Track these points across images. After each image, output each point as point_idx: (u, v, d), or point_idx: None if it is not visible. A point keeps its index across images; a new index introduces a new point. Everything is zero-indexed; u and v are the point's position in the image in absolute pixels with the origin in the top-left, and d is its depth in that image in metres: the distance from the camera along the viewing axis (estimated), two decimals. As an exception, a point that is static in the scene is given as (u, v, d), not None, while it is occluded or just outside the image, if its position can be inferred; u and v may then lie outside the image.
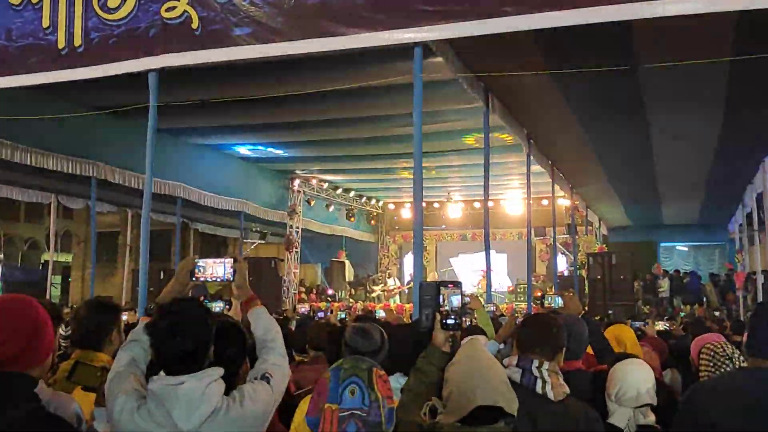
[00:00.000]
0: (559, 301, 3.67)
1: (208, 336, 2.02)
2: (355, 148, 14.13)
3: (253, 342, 2.33)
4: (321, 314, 5.72)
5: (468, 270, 21.40)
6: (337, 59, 7.78)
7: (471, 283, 20.22)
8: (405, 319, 9.30)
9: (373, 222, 22.32)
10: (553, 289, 15.98)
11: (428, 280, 24.19)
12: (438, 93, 9.34)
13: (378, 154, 14.47)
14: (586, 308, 16.96)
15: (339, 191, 19.68)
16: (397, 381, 2.56)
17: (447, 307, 2.39)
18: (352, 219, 20.75)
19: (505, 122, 9.86)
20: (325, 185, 18.99)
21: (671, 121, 10.20)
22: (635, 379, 2.84)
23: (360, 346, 2.57)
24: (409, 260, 24.15)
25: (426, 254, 23.82)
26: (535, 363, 2.60)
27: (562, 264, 20.14)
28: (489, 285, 9.40)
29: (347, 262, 21.32)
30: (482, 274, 21.31)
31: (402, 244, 23.78)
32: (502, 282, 21.38)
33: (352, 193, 20.34)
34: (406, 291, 20.40)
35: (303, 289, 20.03)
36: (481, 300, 5.11)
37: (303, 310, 6.32)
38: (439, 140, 12.84)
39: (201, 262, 2.38)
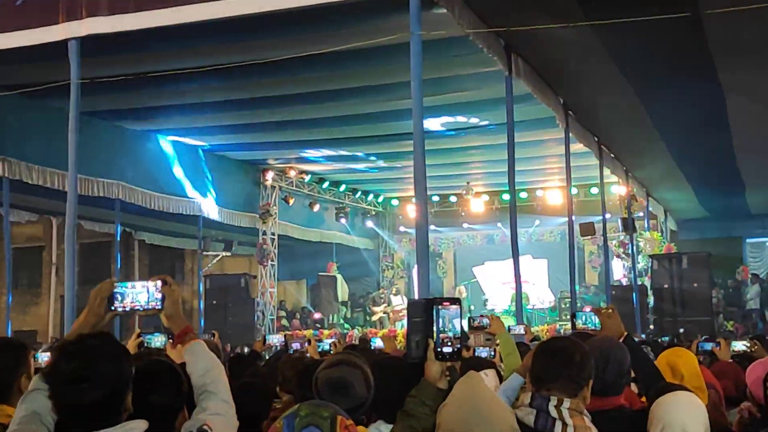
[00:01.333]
0: (595, 321, 3.72)
1: (124, 381, 2.03)
2: (344, 128, 14.17)
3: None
4: (296, 345, 5.79)
5: (497, 282, 21.43)
6: (314, 15, 7.72)
7: (502, 300, 20.27)
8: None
9: (371, 224, 22.44)
10: (606, 302, 16.02)
11: (441, 295, 24.63)
12: (445, 54, 9.36)
13: (374, 135, 14.53)
14: (651, 326, 17.03)
15: (325, 185, 19.81)
16: (378, 431, 2.58)
17: (443, 332, 2.42)
18: (344, 220, 20.91)
19: (533, 89, 9.92)
20: (307, 178, 19.13)
21: (747, 80, 10.22)
22: (681, 418, 2.87)
23: (335, 403, 2.61)
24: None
25: (441, 264, 24.03)
26: (553, 401, 2.64)
27: (619, 270, 20.19)
28: (519, 300, 9.45)
29: (339, 277, 21.43)
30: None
31: (411, 251, 23.87)
32: (542, 296, 21.49)
33: (342, 187, 20.47)
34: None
35: (283, 314, 20.15)
36: (503, 322, 5.14)
37: (276, 341, 6.38)
38: (451, 114, 12.90)
39: (120, 287, 2.38)
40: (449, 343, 2.43)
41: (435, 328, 2.44)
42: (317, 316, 19.64)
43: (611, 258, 20.18)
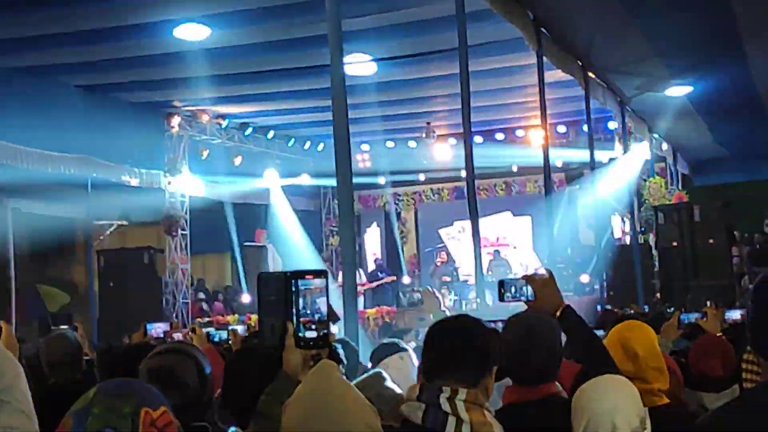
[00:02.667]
0: (528, 291, 3.81)
1: None
2: (267, 58, 14.20)
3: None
4: (179, 336, 5.82)
5: (471, 246, 21.49)
6: None
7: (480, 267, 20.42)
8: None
9: (310, 179, 22.43)
10: (604, 267, 16.33)
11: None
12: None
13: (294, 68, 14.56)
14: (659, 294, 17.38)
15: (249, 132, 19.79)
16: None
17: (305, 314, 2.47)
18: (275, 176, 20.83)
19: (492, 4, 9.98)
20: (225, 123, 19.07)
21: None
22: (608, 408, 2.96)
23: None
24: (371, 236, 24.43)
25: (400, 226, 24.19)
26: (445, 393, 2.71)
27: (618, 227, 20.52)
28: (479, 267, 9.61)
29: (271, 248, 21.44)
30: (494, 253, 21.67)
31: (360, 212, 24.07)
32: (526, 261, 21.82)
33: (271, 134, 20.40)
34: (374, 286, 20.66)
35: (202, 296, 20.16)
36: (438, 298, 5.25)
37: (157, 332, 6.42)
38: (393, 38, 12.92)
39: None
40: (313, 327, 2.47)
41: (294, 309, 2.48)
42: (246, 297, 19.64)
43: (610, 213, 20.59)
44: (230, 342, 6.24)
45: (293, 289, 2.49)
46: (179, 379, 2.76)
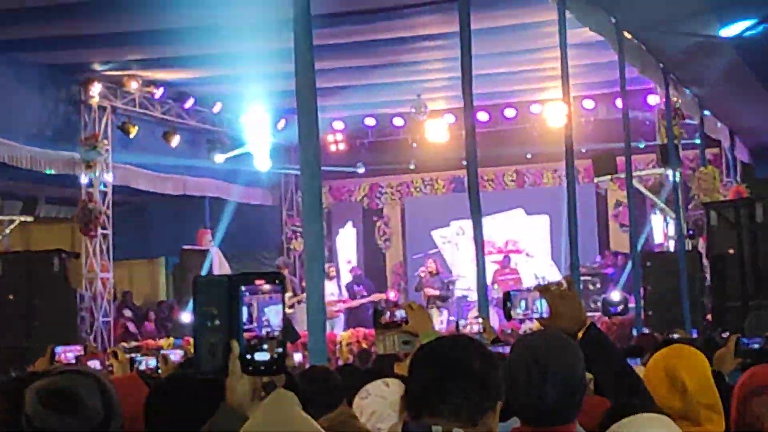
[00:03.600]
0: (542, 306, 3.80)
1: None
2: (214, 11, 14.11)
3: None
4: (95, 364, 5.82)
5: (471, 252, 21.41)
6: None
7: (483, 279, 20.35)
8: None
9: (267, 164, 22.34)
10: (640, 280, 16.33)
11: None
12: None
13: (258, 23, 14.48)
14: (710, 315, 17.45)
15: (189, 105, 19.81)
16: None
17: (251, 329, 2.46)
18: (222, 160, 20.79)
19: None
20: (159, 93, 19.08)
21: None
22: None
23: (54, 430, 2.65)
24: (346, 238, 24.42)
25: (381, 227, 24.20)
26: (437, 433, 2.71)
27: (659, 229, 20.58)
28: (482, 279, 9.66)
29: (217, 252, 21.41)
30: (502, 261, 21.68)
31: (332, 208, 24.07)
32: (542, 272, 21.87)
33: (217, 107, 20.40)
34: (356, 305, 20.64)
35: (128, 314, 20.08)
36: (429, 315, 5.25)
37: (67, 357, 6.43)
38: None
39: None
40: (264, 347, 2.45)
41: (241, 324, 2.47)
42: (186, 316, 19.57)
43: (650, 212, 20.66)
44: (160, 371, 6.20)
45: (240, 298, 2.47)
46: (78, 403, 2.77)
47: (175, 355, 7.70)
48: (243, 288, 2.47)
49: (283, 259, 22.11)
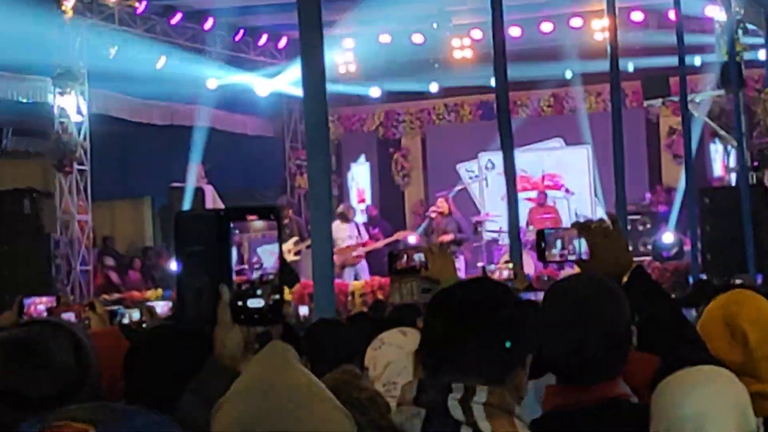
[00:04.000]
0: (582, 247, 3.81)
1: None
2: None
3: None
4: (70, 316, 5.82)
5: (502, 189, 21.31)
6: None
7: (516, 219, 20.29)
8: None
9: (267, 88, 22.34)
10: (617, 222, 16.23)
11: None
12: None
13: None
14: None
15: (177, 20, 19.72)
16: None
17: (243, 272, 2.49)
18: (215, 85, 20.82)
19: None
20: (142, 7, 18.97)
21: None
22: (696, 411, 2.98)
23: (18, 387, 2.68)
24: (359, 174, 24.40)
25: (399, 160, 24.15)
26: (456, 393, 2.71)
27: (718, 160, 20.49)
28: (515, 219, 9.65)
29: (211, 191, 21.41)
30: (538, 198, 21.65)
31: (342, 140, 24.13)
32: (584, 210, 21.78)
33: (209, 23, 20.28)
34: (380, 245, 20.59)
35: (110, 262, 20.17)
36: (451, 259, 5.25)
37: (38, 310, 6.43)
38: None
39: None
40: (258, 292, 2.47)
41: (229, 266, 2.49)
42: (175, 264, 19.69)
43: (708, 141, 20.55)
44: (145, 325, 6.23)
45: (229, 236, 2.49)
46: (47, 357, 2.79)
47: (163, 308, 7.75)
48: (232, 225, 2.48)
49: (286, 198, 22.16)
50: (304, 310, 11.36)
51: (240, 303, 2.46)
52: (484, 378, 2.75)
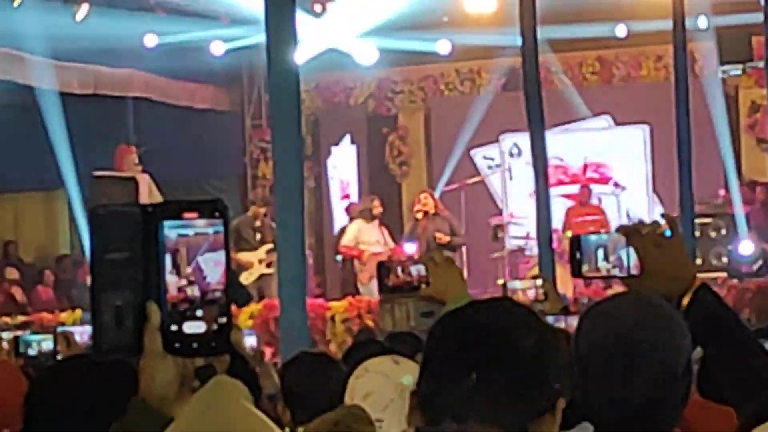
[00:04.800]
0: (630, 258, 3.81)
1: None
2: None
3: None
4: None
5: (530, 181, 21.29)
6: None
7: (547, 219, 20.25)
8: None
9: (221, 47, 22.42)
10: (676, 226, 16.15)
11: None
12: None
13: None
14: None
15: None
16: None
17: (181, 288, 2.48)
18: (153, 42, 20.74)
19: None
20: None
21: None
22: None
23: None
24: (341, 157, 24.45)
25: (396, 143, 24.21)
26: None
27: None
28: (545, 218, 9.70)
29: (144, 179, 21.45)
30: (580, 193, 21.71)
31: (319, 114, 24.28)
32: (639, 209, 21.82)
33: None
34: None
35: (13, 275, 20.16)
36: (459, 271, 5.28)
37: None
38: None
39: None
40: (198, 313, 2.47)
41: (161, 279, 2.48)
42: (90, 276, 19.78)
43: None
44: (60, 356, 6.26)
45: (161, 239, 2.48)
46: None
47: (83, 335, 7.77)
48: (166, 224, 2.47)
49: (260, 194, 22.17)
50: (251, 341, 11.26)
51: (174, 327, 2.44)
52: (502, 428, 2.76)
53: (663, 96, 19.33)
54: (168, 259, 2.46)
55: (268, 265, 19.85)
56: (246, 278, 20.52)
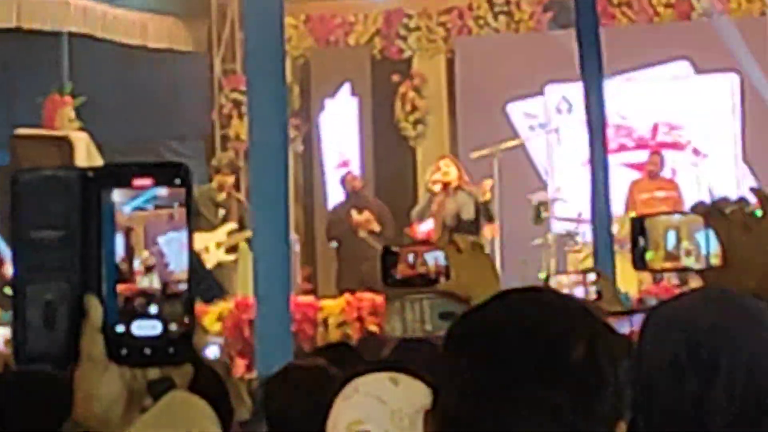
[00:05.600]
0: (710, 245, 3.78)
1: None
2: None
3: None
4: None
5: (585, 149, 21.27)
6: None
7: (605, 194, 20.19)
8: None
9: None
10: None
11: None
12: None
13: None
14: None
15: None
16: None
17: (129, 276, 2.48)
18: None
19: None
20: None
21: None
22: None
23: None
24: (339, 113, 24.53)
25: (411, 93, 24.22)
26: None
27: None
28: (602, 194, 9.78)
29: (83, 139, 21.51)
30: (649, 166, 21.75)
31: (309, 55, 24.41)
32: (724, 183, 21.79)
33: None
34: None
35: None
36: (491, 261, 5.31)
37: None
38: None
39: None
40: (153, 311, 2.47)
41: (108, 266, 2.49)
42: (12, 261, 19.88)
43: None
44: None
45: (105, 214, 2.48)
46: None
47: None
48: (113, 195, 2.46)
49: (227, 157, 22.21)
50: (213, 349, 11.20)
51: (121, 328, 2.44)
52: None
53: (757, 37, 19.41)
54: (119, 240, 2.46)
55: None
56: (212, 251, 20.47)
